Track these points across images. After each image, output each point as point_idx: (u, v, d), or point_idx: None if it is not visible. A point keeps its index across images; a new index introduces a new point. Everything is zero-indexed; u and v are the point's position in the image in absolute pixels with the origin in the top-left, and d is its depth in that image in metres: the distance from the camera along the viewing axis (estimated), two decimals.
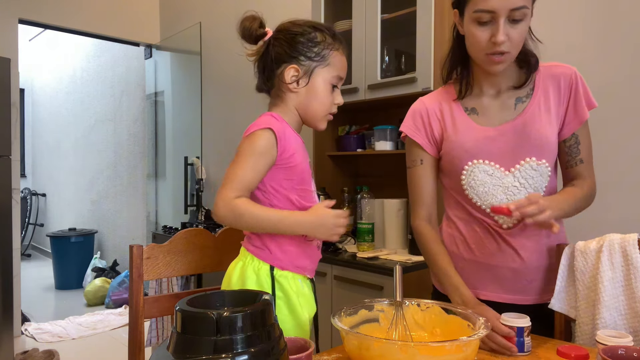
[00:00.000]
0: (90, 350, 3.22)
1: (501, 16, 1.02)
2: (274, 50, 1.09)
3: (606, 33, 1.68)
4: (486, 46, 1.07)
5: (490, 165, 1.14)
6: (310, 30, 1.09)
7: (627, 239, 1.07)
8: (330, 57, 1.09)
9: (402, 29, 2.16)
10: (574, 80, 1.13)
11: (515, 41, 1.05)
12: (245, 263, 1.09)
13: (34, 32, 6.53)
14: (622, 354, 0.77)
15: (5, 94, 2.82)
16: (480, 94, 1.19)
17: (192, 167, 3.73)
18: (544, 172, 1.13)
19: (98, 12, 3.97)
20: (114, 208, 5.22)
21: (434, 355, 0.80)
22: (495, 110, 1.17)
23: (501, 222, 1.15)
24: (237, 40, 1.12)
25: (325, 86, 1.10)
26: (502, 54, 1.06)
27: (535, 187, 1.13)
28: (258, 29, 1.10)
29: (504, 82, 1.16)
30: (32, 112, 7.10)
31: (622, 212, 1.64)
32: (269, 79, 1.12)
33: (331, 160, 2.53)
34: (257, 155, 1.02)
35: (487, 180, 1.15)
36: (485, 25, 1.05)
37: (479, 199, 1.16)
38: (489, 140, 1.15)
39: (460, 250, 1.22)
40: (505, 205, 1.02)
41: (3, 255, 2.80)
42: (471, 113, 1.19)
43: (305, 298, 1.12)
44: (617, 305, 1.05)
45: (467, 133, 1.17)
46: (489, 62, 1.09)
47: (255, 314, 0.55)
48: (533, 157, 1.12)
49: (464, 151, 1.16)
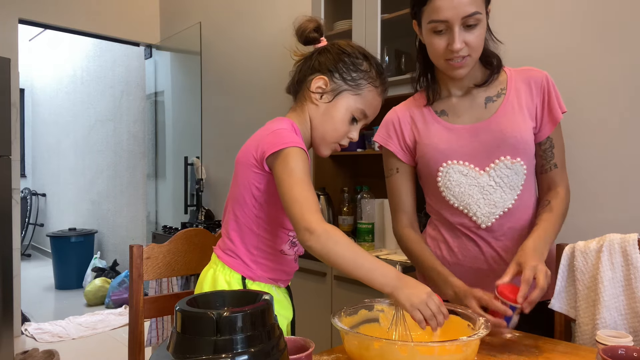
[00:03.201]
0: (90, 350, 3.22)
1: (455, 24, 1.05)
2: (317, 57, 1.07)
3: (606, 34, 1.68)
4: (444, 53, 1.10)
5: (464, 166, 1.15)
6: (359, 56, 1.07)
7: (627, 239, 1.07)
8: (364, 89, 1.06)
9: (402, 29, 2.16)
10: (546, 83, 1.15)
11: (473, 45, 1.08)
12: (216, 271, 1.06)
13: (34, 32, 6.53)
14: (622, 354, 0.77)
15: (5, 94, 2.82)
16: (448, 96, 1.22)
17: (192, 167, 3.73)
18: (519, 170, 1.13)
19: (98, 12, 3.97)
20: (114, 208, 5.22)
21: (434, 355, 0.80)
22: (464, 109, 1.19)
23: (479, 223, 1.16)
24: (237, 40, 1.11)
25: (345, 113, 1.06)
26: (463, 57, 1.09)
27: (510, 185, 1.14)
28: (312, 31, 1.08)
29: (469, 82, 1.18)
30: (32, 112, 7.10)
31: (622, 212, 1.64)
32: (299, 82, 1.10)
33: (331, 160, 2.52)
34: (307, 174, 0.96)
35: (462, 181, 1.16)
36: (441, 33, 1.08)
37: (455, 200, 1.17)
38: (462, 140, 1.16)
39: (444, 254, 1.23)
40: (513, 297, 0.96)
41: (3, 255, 2.80)
42: (441, 115, 1.21)
43: (280, 304, 1.10)
44: (617, 305, 1.05)
45: (439, 135, 1.19)
46: (450, 68, 1.12)
47: (255, 314, 0.55)
48: (507, 156, 1.13)
49: (438, 152, 1.17)
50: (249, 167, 1.02)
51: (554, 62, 1.80)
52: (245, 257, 1.05)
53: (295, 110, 1.10)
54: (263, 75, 3.12)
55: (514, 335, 1.05)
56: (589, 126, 1.71)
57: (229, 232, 1.07)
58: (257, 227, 1.04)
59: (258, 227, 1.04)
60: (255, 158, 1.01)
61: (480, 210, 1.15)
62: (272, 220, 1.05)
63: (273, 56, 3.01)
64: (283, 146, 0.96)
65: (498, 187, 1.14)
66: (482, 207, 1.15)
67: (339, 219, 2.44)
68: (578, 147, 1.74)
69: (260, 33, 3.15)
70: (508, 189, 1.14)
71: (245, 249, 1.05)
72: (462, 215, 1.17)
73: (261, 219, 1.04)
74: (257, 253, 1.05)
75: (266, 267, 1.06)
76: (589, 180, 1.71)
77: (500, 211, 1.15)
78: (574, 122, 1.75)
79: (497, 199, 1.14)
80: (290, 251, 1.09)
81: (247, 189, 1.03)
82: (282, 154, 0.96)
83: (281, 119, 1.08)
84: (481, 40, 1.09)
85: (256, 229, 1.04)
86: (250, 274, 1.05)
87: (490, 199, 1.14)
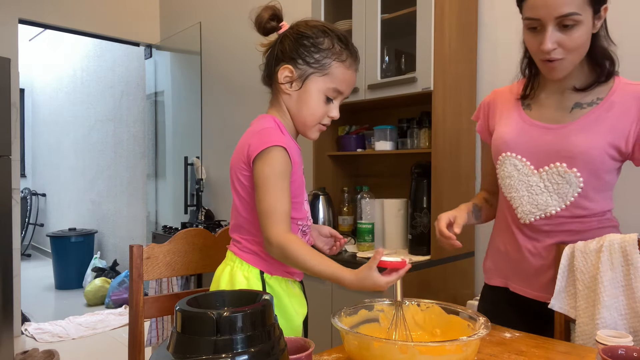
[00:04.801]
0: (90, 350, 3.22)
1: (548, 24, 1.01)
2: (279, 46, 1.06)
3: None
4: (537, 52, 1.06)
5: (520, 160, 1.16)
6: (319, 35, 1.04)
7: (627, 239, 1.07)
8: (330, 68, 1.04)
9: (402, 29, 2.16)
10: None
11: (568, 47, 1.02)
12: (233, 267, 1.08)
13: (34, 32, 6.53)
14: (622, 354, 0.77)
15: (5, 94, 2.82)
16: (541, 90, 1.18)
17: (192, 167, 3.73)
18: (573, 181, 1.09)
19: (98, 12, 3.97)
20: (114, 208, 5.22)
21: (434, 355, 0.80)
22: (549, 107, 1.16)
23: (519, 217, 1.18)
24: (237, 40, 1.11)
25: (318, 96, 1.05)
26: (558, 59, 1.04)
27: (559, 193, 1.11)
28: (268, 21, 1.05)
29: (569, 81, 1.12)
30: (32, 112, 7.10)
31: (622, 212, 1.64)
32: (269, 75, 1.10)
33: (331, 160, 2.52)
34: (282, 178, 0.99)
35: (514, 174, 1.17)
36: (536, 31, 1.05)
37: (505, 190, 1.20)
38: (528, 136, 1.15)
39: (497, 240, 1.28)
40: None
41: (3, 255, 2.80)
42: (526, 108, 1.20)
43: (296, 298, 1.12)
44: (617, 305, 1.05)
45: (512, 125, 1.19)
46: (544, 68, 1.09)
47: (255, 314, 0.55)
48: (563, 164, 1.10)
49: (502, 142, 1.19)
50: (240, 170, 1.05)
51: None
52: (262, 253, 1.07)
53: (273, 105, 1.11)
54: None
55: (514, 335, 1.05)
56: None
57: (242, 232, 1.09)
58: None
59: None
60: (243, 161, 1.03)
61: (522, 207, 1.16)
62: None
63: None
64: (265, 146, 0.99)
65: (546, 191, 1.13)
66: (525, 205, 1.16)
67: (339, 219, 2.44)
68: None
69: None
70: (556, 196, 1.12)
71: (260, 245, 1.07)
72: (509, 206, 1.21)
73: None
74: None
75: None
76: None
77: (542, 213, 1.14)
78: None
79: (541, 202, 1.14)
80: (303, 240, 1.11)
81: (246, 191, 1.06)
82: (263, 156, 0.99)
83: (264, 116, 1.09)
84: (578, 44, 1.02)
85: None
86: (269, 268, 1.07)
87: (534, 199, 1.14)
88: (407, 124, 2.17)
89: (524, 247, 1.18)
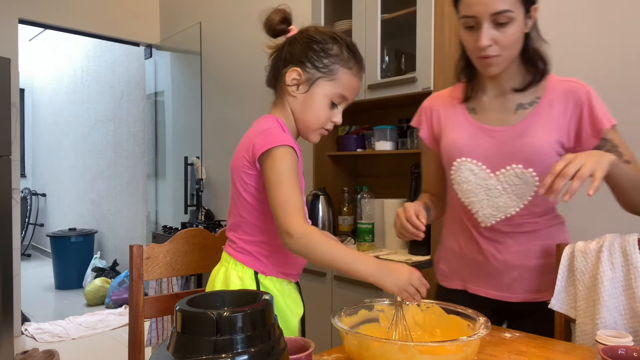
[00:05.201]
0: (90, 350, 3.22)
1: (483, 21, 1.04)
2: (288, 49, 1.07)
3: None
4: (474, 50, 1.09)
5: (476, 165, 1.16)
6: (328, 41, 1.06)
7: (627, 239, 1.07)
8: (338, 73, 1.06)
9: (402, 29, 2.16)
10: (585, 98, 1.10)
11: (503, 44, 1.06)
12: (228, 268, 1.08)
13: (34, 32, 6.53)
14: (622, 354, 0.77)
15: (5, 94, 2.82)
16: (482, 94, 1.21)
17: (192, 167, 3.73)
18: (530, 181, 1.12)
19: (98, 12, 3.97)
20: (114, 208, 5.22)
21: (434, 355, 0.80)
22: (493, 110, 1.18)
23: (480, 221, 1.18)
24: (237, 40, 1.12)
25: (323, 100, 1.07)
26: (493, 56, 1.07)
27: (517, 193, 1.13)
28: (279, 23, 1.07)
29: (507, 83, 1.16)
30: (32, 112, 7.10)
31: (622, 212, 1.64)
32: (275, 76, 1.11)
33: (331, 160, 2.52)
34: (294, 174, 0.99)
35: (471, 179, 1.17)
36: (472, 29, 1.08)
37: (462, 195, 1.19)
38: (480, 140, 1.17)
39: (451, 243, 1.28)
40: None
41: (3, 255, 2.80)
42: (471, 112, 1.22)
43: (292, 299, 1.12)
44: (617, 305, 1.05)
45: (461, 131, 1.20)
46: (481, 65, 1.12)
47: (255, 314, 0.55)
48: (520, 165, 1.12)
49: (455, 148, 1.19)
50: (243, 169, 1.04)
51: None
52: (257, 253, 1.07)
53: (277, 105, 1.12)
54: (263, 75, 3.09)
55: (514, 335, 1.05)
56: None
57: (238, 232, 1.09)
58: (264, 223, 1.06)
59: (265, 222, 1.06)
60: (248, 160, 1.03)
61: (482, 211, 1.17)
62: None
63: None
64: (272, 145, 0.99)
65: (504, 193, 1.14)
66: (485, 208, 1.16)
67: (339, 219, 2.45)
68: None
69: (260, 33, 3.14)
70: (514, 197, 1.13)
71: (256, 245, 1.07)
72: (467, 211, 1.20)
73: (267, 215, 1.05)
74: (268, 248, 1.07)
75: (277, 261, 1.08)
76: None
77: (502, 215, 1.15)
78: None
79: (500, 204, 1.15)
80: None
81: (247, 191, 1.05)
82: (271, 154, 0.99)
83: (266, 117, 1.09)
84: (512, 40, 1.06)
85: (264, 224, 1.06)
86: (263, 269, 1.07)
87: (494, 202, 1.15)
88: (407, 124, 2.17)
89: (485, 249, 1.19)
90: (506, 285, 1.18)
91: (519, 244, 1.16)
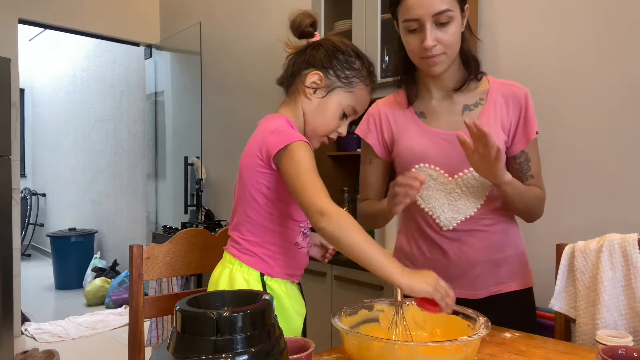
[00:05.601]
0: (90, 350, 3.22)
1: (426, 22, 1.07)
2: (312, 52, 1.08)
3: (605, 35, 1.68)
4: (419, 51, 1.11)
5: (434, 170, 1.18)
6: (352, 54, 1.08)
7: (627, 239, 1.08)
8: (356, 87, 1.08)
9: None
10: (524, 100, 1.17)
11: (446, 43, 1.09)
12: (232, 270, 1.07)
13: (34, 32, 6.53)
14: (622, 354, 0.77)
15: (5, 94, 2.82)
16: (429, 97, 1.23)
17: (192, 167, 3.73)
18: (485, 182, 1.14)
19: (98, 12, 3.97)
20: (114, 208, 5.22)
21: (434, 355, 0.80)
22: (442, 113, 1.21)
23: (442, 225, 1.18)
24: (237, 40, 1.12)
25: (337, 109, 1.09)
26: (438, 55, 1.10)
27: (475, 194, 1.16)
28: (308, 26, 1.09)
29: (450, 83, 1.19)
30: (32, 112, 7.10)
31: (622, 212, 1.64)
32: (293, 75, 1.11)
33: (331, 160, 2.53)
34: (314, 165, 0.99)
35: (431, 184, 1.18)
36: (415, 32, 1.10)
37: (422, 202, 1.20)
38: (436, 145, 1.18)
39: (414, 250, 1.26)
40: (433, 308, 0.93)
41: (3, 255, 2.80)
42: (420, 116, 1.23)
43: (296, 300, 1.12)
44: (617, 305, 1.05)
45: (415, 136, 1.21)
46: (426, 65, 1.14)
47: (255, 314, 0.55)
48: None
49: (412, 154, 1.20)
50: (255, 168, 1.04)
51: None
52: (263, 255, 1.07)
53: (288, 104, 1.12)
54: (263, 75, 3.12)
55: (514, 335, 1.05)
56: (589, 126, 1.71)
57: (243, 232, 1.08)
58: (271, 224, 1.06)
59: (272, 223, 1.06)
60: (261, 158, 1.02)
61: (444, 215, 1.18)
62: (284, 215, 1.07)
63: (273, 56, 3.01)
64: (288, 142, 0.98)
65: (463, 195, 1.16)
66: (446, 212, 1.18)
67: None
68: (578, 147, 1.74)
69: (260, 33, 3.15)
70: (472, 197, 1.16)
71: (262, 246, 1.07)
72: (428, 216, 1.20)
73: (274, 215, 1.05)
74: (274, 249, 1.07)
75: (283, 263, 1.08)
76: (589, 180, 1.71)
77: (463, 217, 1.17)
78: (574, 122, 1.75)
79: (460, 206, 1.17)
80: (304, 242, 1.12)
81: (257, 189, 1.05)
82: (288, 149, 0.98)
83: (275, 116, 1.09)
84: (454, 39, 1.10)
85: (270, 225, 1.06)
86: (269, 271, 1.07)
87: (454, 205, 1.17)
88: None
89: (449, 251, 1.19)
90: (469, 283, 1.19)
91: (480, 240, 1.18)
